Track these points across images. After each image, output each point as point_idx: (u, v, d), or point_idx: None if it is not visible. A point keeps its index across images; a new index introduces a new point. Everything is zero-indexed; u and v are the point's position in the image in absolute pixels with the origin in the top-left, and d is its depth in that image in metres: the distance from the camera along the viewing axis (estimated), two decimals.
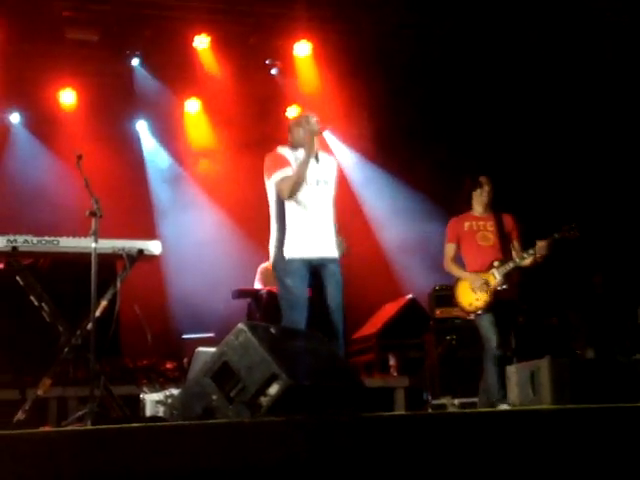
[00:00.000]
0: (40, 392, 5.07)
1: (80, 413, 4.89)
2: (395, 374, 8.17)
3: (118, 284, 5.35)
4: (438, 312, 8.01)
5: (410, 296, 8.85)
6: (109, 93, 9.99)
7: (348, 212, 10.12)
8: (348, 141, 10.63)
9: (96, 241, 5.08)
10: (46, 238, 5.16)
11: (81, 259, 5.28)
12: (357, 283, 8.94)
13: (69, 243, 5.22)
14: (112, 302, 5.47)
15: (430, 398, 7.78)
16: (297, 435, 4.00)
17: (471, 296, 6.30)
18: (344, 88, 9.79)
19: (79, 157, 5.34)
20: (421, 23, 9.37)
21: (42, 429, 4.93)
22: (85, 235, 5.20)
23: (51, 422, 6.36)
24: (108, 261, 5.53)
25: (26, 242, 5.07)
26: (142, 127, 10.62)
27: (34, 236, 5.16)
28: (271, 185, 5.52)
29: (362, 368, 8.54)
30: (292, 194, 5.41)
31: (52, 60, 9.37)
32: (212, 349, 5.02)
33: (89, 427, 4.61)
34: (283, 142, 5.70)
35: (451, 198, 9.47)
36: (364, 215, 10.46)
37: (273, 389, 4.46)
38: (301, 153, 5.50)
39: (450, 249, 6.52)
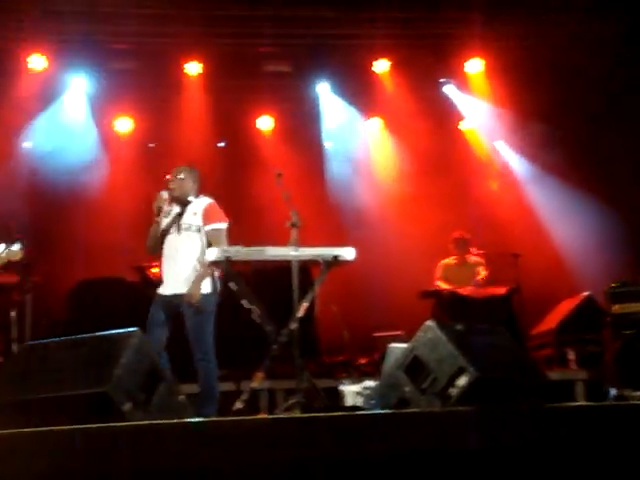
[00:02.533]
0: (255, 384, 5.26)
1: (289, 403, 5.06)
2: (574, 368, 7.91)
3: (317, 287, 5.47)
4: (616, 308, 7.72)
5: (587, 293, 8.54)
6: (301, 117, 10.31)
7: (521, 215, 10.07)
8: (520, 150, 10.44)
9: (297, 249, 5.25)
10: (254, 248, 5.36)
11: (280, 265, 5.48)
12: (535, 281, 8.77)
13: (273, 252, 5.38)
14: (310, 304, 5.60)
15: (612, 391, 7.47)
16: (486, 423, 3.97)
17: None
18: (515, 100, 9.63)
19: (279, 175, 5.54)
20: (592, 34, 9.04)
21: (258, 416, 5.14)
22: (285, 244, 5.40)
23: (263, 411, 6.61)
24: (304, 266, 5.68)
25: (238, 252, 5.28)
26: (330, 146, 10.83)
27: (243, 246, 5.36)
28: None
29: (541, 362, 8.32)
30: (148, 252, 6.10)
31: (251, 91, 9.78)
32: (403, 345, 5.06)
33: (299, 415, 4.76)
34: (457, 157, 5.63)
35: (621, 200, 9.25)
36: (536, 217, 10.23)
37: (462, 381, 4.45)
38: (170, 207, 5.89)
39: None
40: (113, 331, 4.59)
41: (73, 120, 9.54)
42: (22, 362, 4.69)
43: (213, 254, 5.28)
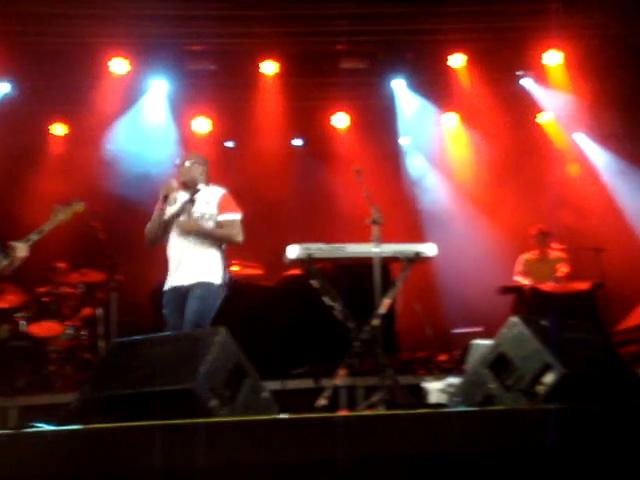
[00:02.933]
0: (337, 381, 5.25)
1: (373, 400, 5.04)
2: None
3: (399, 284, 5.44)
4: None
5: None
6: (376, 113, 10.28)
7: (603, 208, 9.81)
8: (601, 142, 10.18)
9: (378, 246, 5.22)
10: (335, 245, 5.35)
11: (359, 262, 5.46)
12: (619, 276, 8.55)
13: (354, 249, 5.37)
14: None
15: None
16: (576, 421, 3.88)
17: None
18: (595, 91, 9.41)
19: (358, 171, 5.52)
20: None
21: (340, 413, 5.14)
22: (360, 241, 5.38)
23: (343, 408, 6.59)
24: (382, 263, 5.63)
25: (319, 249, 5.28)
26: (406, 142, 10.77)
27: (325, 244, 5.35)
28: None
29: (627, 359, 8.10)
30: (147, 243, 5.85)
31: (327, 89, 9.81)
32: (487, 341, 4.99)
33: (384, 412, 4.74)
34: (536, 150, 5.51)
35: None
36: (619, 210, 9.95)
37: (548, 378, 4.35)
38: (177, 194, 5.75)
39: None
40: (200, 329, 4.65)
41: (153, 122, 9.69)
42: (110, 359, 4.78)
43: (294, 252, 5.29)
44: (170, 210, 5.69)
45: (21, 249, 5.38)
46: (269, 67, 9.40)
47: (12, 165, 9.39)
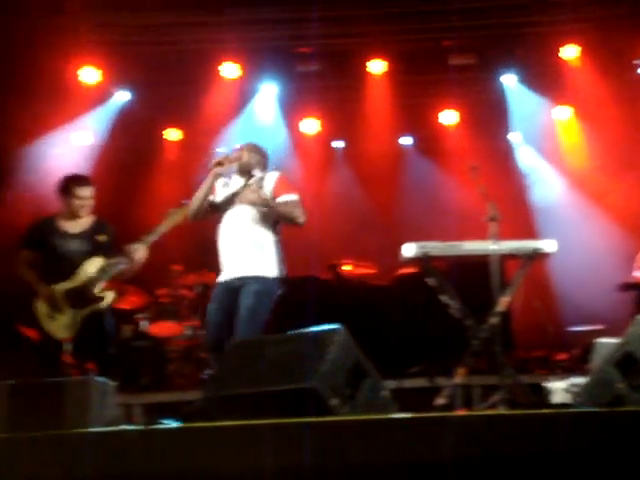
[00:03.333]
0: (457, 380, 5.19)
1: (493, 399, 4.96)
2: None
3: (518, 281, 5.33)
4: None
5: None
6: (485, 109, 10.13)
7: None
8: None
9: (496, 243, 5.14)
10: (452, 243, 5.29)
11: (473, 260, 5.38)
12: None
13: (471, 246, 5.30)
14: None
15: None
16: None
17: None
18: None
19: (474, 168, 5.45)
20: None
21: (459, 412, 5.08)
22: (474, 238, 5.30)
23: (460, 407, 6.52)
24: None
25: (435, 247, 5.24)
26: (516, 137, 10.57)
27: (441, 242, 5.30)
28: None
29: None
30: (190, 216, 5.48)
31: (435, 86, 9.73)
32: (612, 340, 4.84)
33: (506, 412, 4.66)
34: None
35: None
36: None
37: None
38: (230, 179, 5.47)
39: None
40: (317, 328, 4.67)
41: (264, 125, 9.83)
42: (232, 358, 4.86)
43: (411, 250, 5.26)
44: (222, 193, 5.48)
45: (140, 250, 5.55)
46: (377, 66, 9.38)
47: (130, 170, 9.72)
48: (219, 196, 5.47)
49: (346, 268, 8.24)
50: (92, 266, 5.69)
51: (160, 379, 7.58)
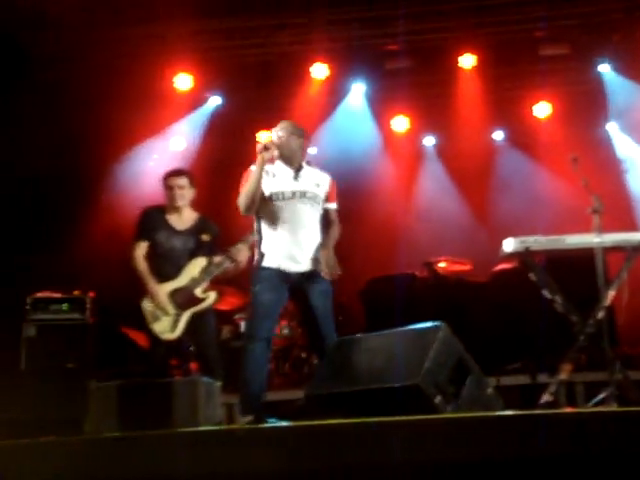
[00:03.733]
0: (563, 376, 5.08)
1: (602, 396, 4.83)
2: None
3: (623, 275, 5.18)
4: None
5: None
6: (580, 100, 9.88)
7: None
8: None
9: (600, 236, 5.01)
10: (553, 237, 5.17)
11: (577, 254, 5.25)
12: None
13: (574, 240, 5.17)
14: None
15: None
16: None
17: None
18: None
19: (575, 159, 5.32)
20: None
21: (566, 410, 4.96)
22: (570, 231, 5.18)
23: (563, 404, 6.37)
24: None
25: (536, 242, 5.13)
26: (613, 128, 10.28)
27: (542, 235, 5.19)
28: None
29: None
30: (245, 209, 5.17)
31: (527, 77, 9.54)
32: None
33: (617, 409, 4.54)
34: None
35: None
36: None
37: None
38: (274, 167, 5.22)
39: None
40: (419, 325, 4.64)
41: (354, 124, 9.83)
42: (334, 356, 4.88)
43: (511, 245, 5.17)
44: (272, 183, 5.23)
45: (243, 251, 5.62)
46: (467, 60, 9.27)
47: (223, 172, 9.86)
48: (268, 186, 5.22)
49: (442, 265, 8.16)
50: (196, 266, 5.76)
51: None
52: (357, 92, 9.77)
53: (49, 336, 7.22)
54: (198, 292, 5.76)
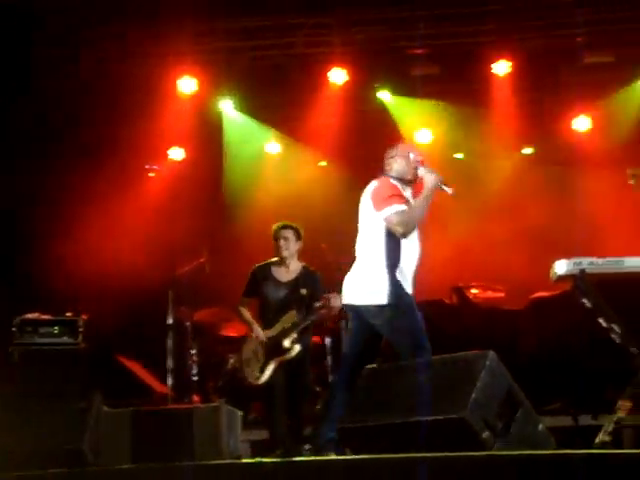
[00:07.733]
0: (621, 414, 5.06)
1: None
2: None
3: None
4: None
5: None
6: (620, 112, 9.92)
7: None
8: None
9: None
10: (611, 259, 5.18)
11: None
12: None
13: (633, 263, 5.18)
14: None
15: None
16: None
17: None
18: None
19: (635, 175, 5.35)
20: None
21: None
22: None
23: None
24: None
25: (592, 264, 5.14)
26: None
27: (598, 257, 5.21)
28: (381, 217, 5.15)
29: None
30: (409, 233, 5.14)
31: (566, 88, 9.56)
32: None
33: None
34: None
35: None
36: None
37: None
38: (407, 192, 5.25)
39: None
40: (464, 353, 4.64)
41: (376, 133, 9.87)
42: (368, 386, 4.88)
43: (564, 267, 5.17)
44: (420, 205, 5.28)
45: (337, 299, 5.94)
46: (500, 67, 9.31)
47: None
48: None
49: (474, 292, 8.18)
50: (289, 318, 6.57)
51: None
52: (379, 97, 9.86)
53: (37, 362, 7.16)
54: (286, 343, 6.50)
